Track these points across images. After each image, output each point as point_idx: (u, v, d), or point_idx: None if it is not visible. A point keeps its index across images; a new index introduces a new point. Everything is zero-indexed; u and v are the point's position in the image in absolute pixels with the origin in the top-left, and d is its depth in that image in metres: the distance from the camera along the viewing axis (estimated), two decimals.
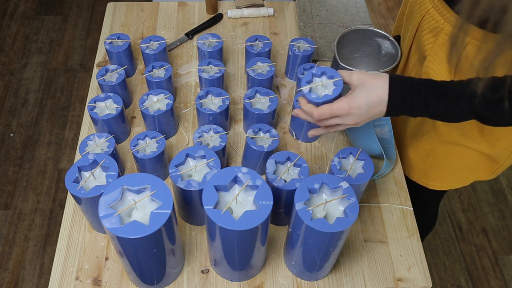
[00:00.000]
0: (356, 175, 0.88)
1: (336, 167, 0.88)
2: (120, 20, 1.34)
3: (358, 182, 0.86)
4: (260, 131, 0.99)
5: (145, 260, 0.75)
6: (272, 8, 1.37)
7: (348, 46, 1.15)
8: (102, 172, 0.85)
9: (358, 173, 0.88)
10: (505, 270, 1.80)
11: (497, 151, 0.98)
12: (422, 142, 1.05)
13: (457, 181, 1.10)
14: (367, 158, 0.89)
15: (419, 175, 1.12)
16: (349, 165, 0.90)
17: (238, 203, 0.75)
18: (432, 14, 0.91)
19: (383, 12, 2.73)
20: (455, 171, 1.07)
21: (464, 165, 1.04)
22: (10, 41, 2.50)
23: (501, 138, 0.95)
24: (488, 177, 1.09)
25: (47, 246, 1.80)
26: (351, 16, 1.37)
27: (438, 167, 1.07)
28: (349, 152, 0.90)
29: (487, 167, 1.05)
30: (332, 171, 0.88)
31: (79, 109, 2.23)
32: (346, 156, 0.90)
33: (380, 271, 0.90)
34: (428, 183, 1.12)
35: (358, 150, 0.89)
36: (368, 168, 0.88)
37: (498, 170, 1.06)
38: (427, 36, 0.93)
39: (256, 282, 0.88)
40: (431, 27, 0.92)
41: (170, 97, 1.03)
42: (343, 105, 0.78)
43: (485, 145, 0.97)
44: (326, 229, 0.70)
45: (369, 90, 0.77)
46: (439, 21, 0.89)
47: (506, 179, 2.06)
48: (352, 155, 0.90)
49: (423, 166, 1.09)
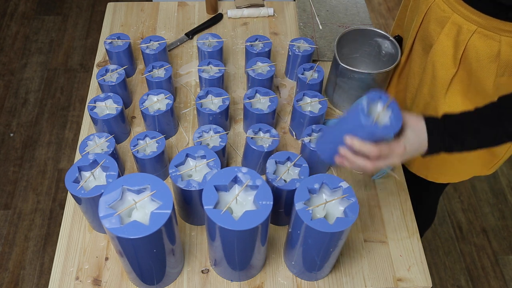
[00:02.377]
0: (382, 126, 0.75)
1: (364, 110, 0.72)
2: (120, 20, 1.34)
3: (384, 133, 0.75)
4: (260, 131, 0.99)
5: (145, 260, 0.75)
6: (272, 8, 1.37)
7: (348, 46, 1.15)
8: (102, 172, 0.85)
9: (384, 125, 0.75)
10: (505, 270, 1.80)
11: None
12: None
13: (457, 174, 1.10)
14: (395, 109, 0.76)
15: (418, 166, 1.12)
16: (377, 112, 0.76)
17: (238, 203, 0.75)
18: (438, 3, 0.92)
19: (383, 12, 2.73)
20: (455, 164, 1.07)
21: (464, 157, 1.04)
22: (10, 41, 2.50)
23: None
24: (486, 172, 1.09)
25: (47, 246, 1.80)
26: (351, 16, 1.37)
27: (437, 159, 1.07)
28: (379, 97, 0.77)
29: (486, 160, 1.05)
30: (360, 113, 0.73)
31: (79, 109, 2.23)
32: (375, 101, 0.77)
33: (380, 271, 0.90)
34: (428, 175, 1.12)
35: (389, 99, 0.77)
36: (396, 121, 0.74)
37: (497, 164, 1.07)
38: (433, 26, 0.94)
39: (256, 282, 0.88)
40: (437, 17, 0.93)
41: (170, 97, 1.03)
42: (401, 144, 0.75)
43: None
44: (326, 229, 0.70)
45: (417, 131, 0.76)
46: (446, 11, 0.90)
47: (506, 179, 2.06)
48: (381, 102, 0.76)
49: (422, 158, 1.09)
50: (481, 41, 0.86)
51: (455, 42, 0.90)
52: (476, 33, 0.86)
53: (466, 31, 0.87)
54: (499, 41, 0.84)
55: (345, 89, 1.10)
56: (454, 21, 0.89)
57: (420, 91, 1.01)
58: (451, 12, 0.89)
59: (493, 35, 0.85)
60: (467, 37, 0.88)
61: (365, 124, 0.71)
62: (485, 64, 0.88)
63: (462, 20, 0.87)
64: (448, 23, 0.90)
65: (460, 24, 0.88)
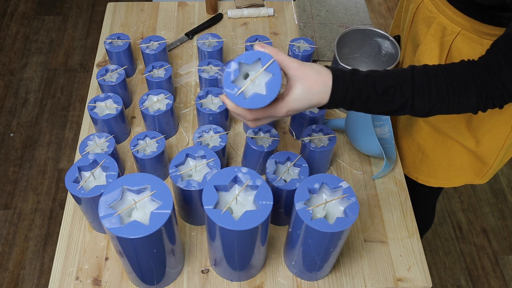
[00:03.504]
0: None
1: (230, 75, 0.66)
2: (120, 20, 1.34)
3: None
4: (260, 131, 0.99)
5: (145, 260, 0.75)
6: (272, 8, 1.37)
7: (348, 46, 1.15)
8: (102, 172, 0.85)
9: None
10: (505, 270, 1.80)
11: (483, 149, 0.99)
12: (413, 132, 1.05)
13: (447, 178, 1.10)
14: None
15: (409, 168, 1.13)
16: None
17: (238, 203, 0.75)
18: (426, 3, 0.92)
19: (383, 12, 2.73)
20: (444, 167, 1.07)
21: (452, 161, 1.04)
22: (10, 41, 2.50)
23: (487, 134, 0.96)
24: (479, 181, 1.09)
25: (47, 246, 1.80)
26: (351, 16, 1.37)
27: (427, 161, 1.07)
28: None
29: (476, 167, 1.05)
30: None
31: (79, 109, 2.23)
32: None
33: (380, 271, 0.90)
34: (418, 177, 1.12)
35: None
36: (271, 90, 0.67)
37: (488, 173, 1.06)
38: (421, 26, 0.94)
39: (256, 282, 0.88)
40: (424, 17, 0.93)
41: (170, 97, 1.03)
42: (281, 109, 0.69)
43: (471, 140, 0.98)
44: (326, 229, 0.70)
45: (309, 94, 0.68)
46: (432, 11, 0.90)
47: (506, 179, 2.06)
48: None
49: (413, 159, 1.10)
50: (464, 43, 0.86)
51: (440, 43, 0.90)
52: (460, 35, 0.86)
53: (450, 33, 0.87)
54: (481, 44, 0.84)
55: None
56: (440, 22, 0.89)
57: None
58: (437, 12, 0.89)
59: (476, 37, 0.84)
60: (451, 38, 0.87)
61: (228, 94, 0.65)
62: None
63: (447, 21, 0.87)
64: (434, 23, 0.90)
65: (445, 25, 0.88)
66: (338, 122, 1.09)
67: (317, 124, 1.00)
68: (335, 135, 0.98)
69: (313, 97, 0.68)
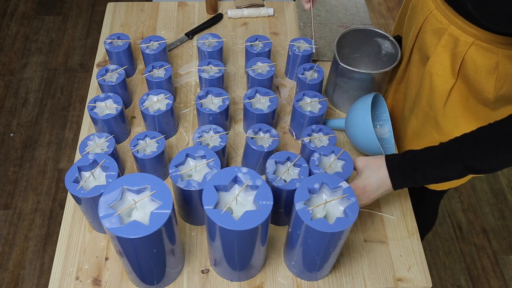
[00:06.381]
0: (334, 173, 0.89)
1: (315, 162, 0.89)
2: (120, 20, 1.34)
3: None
4: (260, 131, 0.99)
5: (145, 260, 0.75)
6: (272, 8, 1.37)
7: (348, 46, 1.15)
8: (102, 172, 0.85)
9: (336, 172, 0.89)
10: (505, 270, 1.80)
11: None
12: (424, 143, 1.05)
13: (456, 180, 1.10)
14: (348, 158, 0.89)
15: None
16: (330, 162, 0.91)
17: (238, 203, 0.75)
18: (435, 15, 0.90)
19: (383, 12, 2.73)
20: None
21: None
22: (10, 41, 2.50)
23: None
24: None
25: (47, 246, 1.80)
26: (351, 16, 1.37)
27: None
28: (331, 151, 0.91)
29: None
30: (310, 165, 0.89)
31: (79, 109, 2.23)
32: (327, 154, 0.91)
33: (380, 271, 0.90)
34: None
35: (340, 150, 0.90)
36: (347, 168, 0.88)
37: None
38: (430, 37, 0.93)
39: (256, 282, 0.88)
40: (434, 28, 0.91)
41: (170, 97, 1.03)
42: (358, 185, 0.85)
43: None
44: (326, 229, 0.70)
45: (375, 169, 0.84)
46: (443, 22, 0.89)
47: (506, 179, 2.06)
48: (334, 153, 0.91)
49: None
50: (479, 53, 0.85)
51: (452, 54, 0.89)
52: (473, 45, 0.85)
53: (464, 43, 0.86)
54: (497, 53, 0.83)
55: (345, 89, 1.10)
56: (451, 33, 0.88)
57: (419, 101, 1.00)
58: (448, 24, 0.88)
59: (491, 47, 0.84)
60: (465, 49, 0.86)
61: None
62: (483, 76, 0.87)
63: (460, 32, 0.86)
64: (445, 34, 0.89)
65: (457, 36, 0.87)
66: (338, 122, 1.09)
67: (317, 124, 1.00)
68: (335, 135, 0.98)
69: (378, 170, 0.84)
